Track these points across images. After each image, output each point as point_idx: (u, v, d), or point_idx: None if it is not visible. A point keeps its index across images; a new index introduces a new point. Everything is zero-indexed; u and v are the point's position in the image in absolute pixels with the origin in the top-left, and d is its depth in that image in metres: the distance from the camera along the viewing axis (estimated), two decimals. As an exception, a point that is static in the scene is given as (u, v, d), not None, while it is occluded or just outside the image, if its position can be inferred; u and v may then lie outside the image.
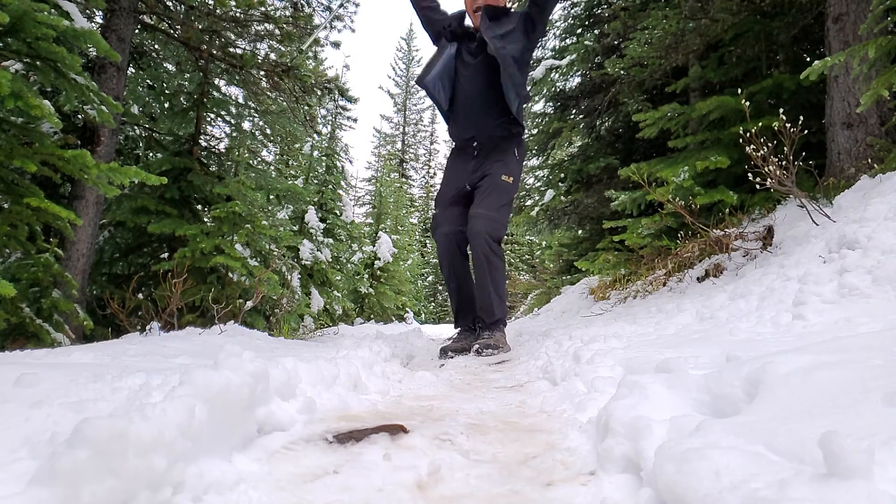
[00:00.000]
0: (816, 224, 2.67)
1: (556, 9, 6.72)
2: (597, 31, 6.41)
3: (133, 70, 4.75)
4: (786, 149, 2.79)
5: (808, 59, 3.28)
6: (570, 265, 9.56)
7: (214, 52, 4.50)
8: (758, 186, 2.93)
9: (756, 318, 1.95)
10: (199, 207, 4.62)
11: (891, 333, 1.17)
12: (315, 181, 10.01)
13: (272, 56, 5.00)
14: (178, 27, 4.49)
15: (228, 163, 4.93)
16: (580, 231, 8.19)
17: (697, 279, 3.47)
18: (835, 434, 0.54)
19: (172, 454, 0.75)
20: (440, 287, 26.33)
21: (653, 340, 2.01)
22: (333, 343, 3.26)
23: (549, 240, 11.72)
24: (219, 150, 4.94)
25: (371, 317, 12.60)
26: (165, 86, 4.93)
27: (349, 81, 7.09)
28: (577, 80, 6.89)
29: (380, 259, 13.54)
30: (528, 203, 7.89)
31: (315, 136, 9.33)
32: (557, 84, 7.00)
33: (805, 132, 2.91)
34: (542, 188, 7.57)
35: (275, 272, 4.82)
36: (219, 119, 5.05)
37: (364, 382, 1.63)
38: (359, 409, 1.37)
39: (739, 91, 3.49)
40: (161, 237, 4.31)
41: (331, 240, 9.37)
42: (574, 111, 6.93)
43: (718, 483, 0.59)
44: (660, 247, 4.57)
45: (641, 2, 5.01)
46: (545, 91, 7.02)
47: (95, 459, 0.66)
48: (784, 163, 2.86)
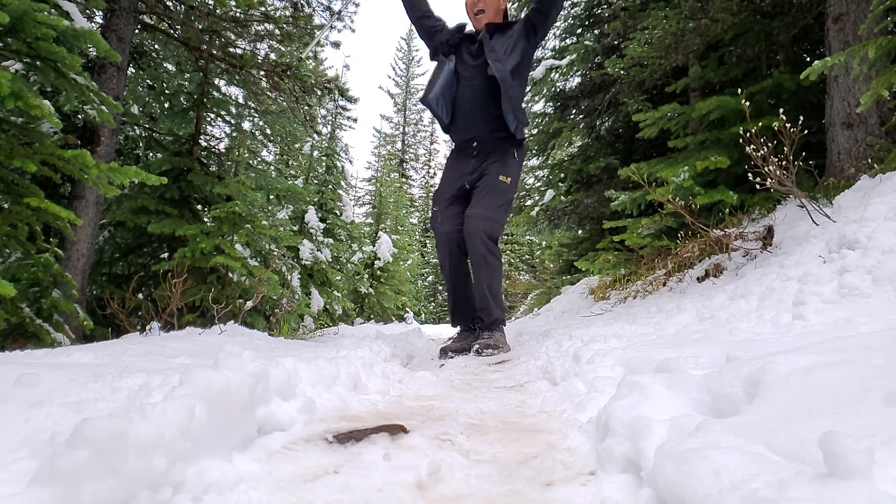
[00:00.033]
0: (816, 224, 2.67)
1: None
2: (597, 31, 6.41)
3: (133, 70, 4.74)
4: (786, 149, 2.79)
5: (808, 59, 3.28)
6: (570, 265, 9.56)
7: (214, 52, 4.50)
8: (758, 186, 2.93)
9: (756, 318, 1.95)
10: (199, 207, 4.62)
11: (891, 333, 1.17)
12: (315, 181, 10.01)
13: (272, 56, 5.00)
14: (178, 27, 4.49)
15: (228, 163, 4.93)
16: (580, 231, 8.19)
17: (697, 279, 3.47)
18: (835, 434, 0.54)
19: (172, 454, 0.75)
20: (440, 287, 26.33)
21: (653, 340, 2.01)
22: (333, 343, 3.26)
23: (549, 240, 11.72)
24: (219, 150, 4.94)
25: (371, 317, 12.60)
26: (165, 86, 4.93)
27: (349, 81, 7.09)
28: (577, 80, 6.89)
29: (380, 259, 13.54)
30: (528, 203, 7.89)
31: (315, 136, 9.33)
32: (557, 84, 7.00)
33: (805, 132, 2.91)
34: (542, 188, 7.57)
35: (275, 272, 4.82)
36: (219, 119, 5.05)
37: (364, 382, 1.63)
38: (359, 409, 1.37)
39: (739, 91, 3.49)
40: (161, 237, 4.31)
41: (331, 240, 9.37)
42: (574, 111, 6.93)
43: (718, 483, 0.59)
44: (660, 247, 4.57)
45: (641, 2, 5.00)
46: (545, 91, 7.02)
47: (95, 459, 0.66)
48: (784, 163, 2.85)
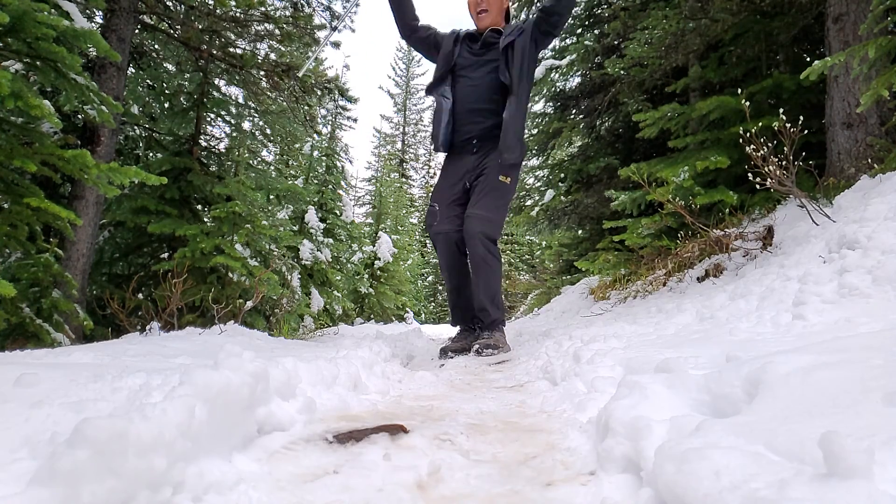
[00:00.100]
0: (816, 224, 2.66)
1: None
2: (597, 31, 6.41)
3: (133, 70, 4.74)
4: (786, 149, 2.79)
5: (808, 59, 3.28)
6: (570, 265, 9.56)
7: (214, 52, 4.49)
8: (758, 186, 2.93)
9: (756, 318, 1.95)
10: (199, 207, 4.62)
11: (891, 333, 1.17)
12: (315, 181, 10.01)
13: (272, 56, 5.00)
14: (178, 27, 4.48)
15: (228, 163, 4.93)
16: (580, 231, 8.19)
17: (697, 279, 3.47)
18: (835, 434, 0.54)
19: (172, 454, 0.75)
20: (440, 287, 26.33)
21: (653, 340, 2.00)
22: (333, 343, 3.26)
23: (549, 240, 11.72)
24: (219, 150, 4.93)
25: (371, 317, 12.60)
26: (165, 86, 4.93)
27: (349, 81, 7.10)
28: (577, 80, 6.89)
29: (380, 259, 13.53)
30: (528, 203, 7.89)
31: (315, 136, 9.32)
32: (557, 84, 7.00)
33: (805, 132, 2.91)
34: (542, 188, 7.57)
35: (275, 272, 4.82)
36: (219, 119, 5.05)
37: (364, 382, 1.63)
38: (359, 409, 1.37)
39: (739, 91, 3.49)
40: (161, 237, 4.31)
41: (331, 240, 9.37)
42: (574, 111, 6.93)
43: (718, 483, 0.59)
44: (660, 247, 4.56)
45: (641, 2, 5.00)
46: (545, 91, 7.02)
47: (95, 459, 0.66)
48: (784, 163, 2.85)
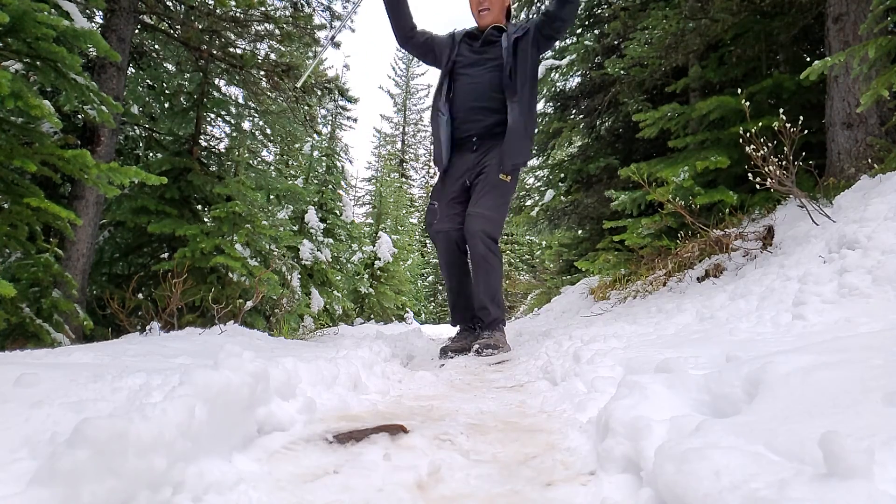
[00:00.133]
0: (816, 224, 2.66)
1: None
2: (597, 31, 6.41)
3: (133, 70, 4.74)
4: (786, 149, 2.79)
5: (808, 59, 3.28)
6: (570, 265, 9.55)
7: (214, 52, 4.49)
8: (758, 186, 2.93)
9: (756, 318, 1.95)
10: (199, 207, 4.62)
11: (891, 333, 1.17)
12: (315, 181, 10.01)
13: (272, 56, 5.00)
14: (178, 27, 4.48)
15: (228, 163, 4.93)
16: (580, 231, 8.19)
17: (697, 279, 3.47)
18: (835, 434, 0.54)
19: (172, 454, 0.75)
20: (440, 287, 26.33)
21: (653, 340, 2.00)
22: (333, 343, 3.26)
23: (549, 240, 11.72)
24: (219, 150, 4.93)
25: (371, 317, 12.60)
26: (165, 86, 4.93)
27: (349, 81, 7.09)
28: (577, 80, 6.89)
29: (380, 259, 13.53)
30: (528, 203, 7.88)
31: (315, 136, 9.33)
32: (557, 84, 6.99)
33: (805, 132, 2.91)
34: (542, 188, 7.57)
35: (275, 272, 4.82)
36: (219, 119, 5.05)
37: (364, 382, 1.63)
38: (359, 409, 1.37)
39: (739, 91, 3.49)
40: (161, 237, 4.31)
41: (331, 240, 9.37)
42: (574, 111, 6.93)
43: (718, 483, 0.59)
44: (660, 247, 4.56)
45: (641, 2, 5.00)
46: (545, 91, 7.02)
47: (95, 459, 0.66)
48: (784, 163, 2.85)
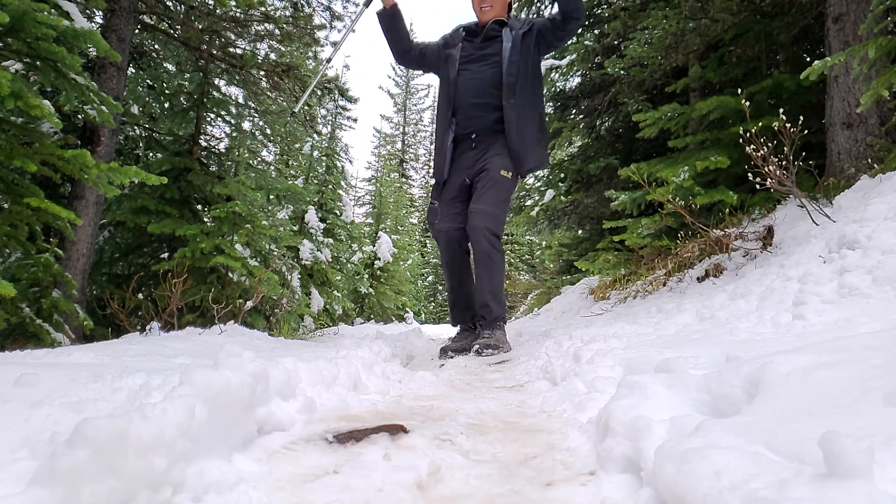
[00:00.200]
0: (816, 224, 2.66)
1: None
2: (597, 31, 6.41)
3: (133, 70, 4.74)
4: (786, 149, 2.79)
5: (808, 59, 3.27)
6: (570, 265, 9.55)
7: (214, 52, 4.49)
8: (758, 186, 2.93)
9: (756, 318, 1.95)
10: (199, 207, 4.62)
11: (891, 333, 1.17)
12: (315, 181, 10.02)
13: (272, 56, 5.00)
14: (178, 27, 4.48)
15: (228, 163, 4.93)
16: (580, 231, 8.18)
17: (697, 279, 3.47)
18: (835, 434, 0.54)
19: (172, 454, 0.75)
20: (440, 287, 26.32)
21: (653, 340, 2.00)
22: (333, 343, 3.26)
23: (549, 240, 11.72)
24: (219, 150, 4.94)
25: (371, 317, 12.60)
26: (165, 86, 4.93)
27: (349, 81, 7.10)
28: (577, 80, 6.89)
29: (380, 259, 13.54)
30: (528, 203, 7.88)
31: (315, 136, 9.33)
32: (557, 84, 6.99)
33: (805, 132, 2.91)
34: (542, 188, 7.56)
35: (275, 272, 4.82)
36: (219, 119, 5.05)
37: (364, 382, 1.63)
38: (359, 409, 1.37)
39: (739, 91, 3.48)
40: (161, 237, 4.31)
41: (331, 240, 9.37)
42: (574, 111, 6.92)
43: (718, 483, 0.59)
44: (660, 247, 4.56)
45: (641, 2, 5.00)
46: (545, 91, 7.01)
47: (95, 459, 0.66)
48: (784, 163, 2.85)
